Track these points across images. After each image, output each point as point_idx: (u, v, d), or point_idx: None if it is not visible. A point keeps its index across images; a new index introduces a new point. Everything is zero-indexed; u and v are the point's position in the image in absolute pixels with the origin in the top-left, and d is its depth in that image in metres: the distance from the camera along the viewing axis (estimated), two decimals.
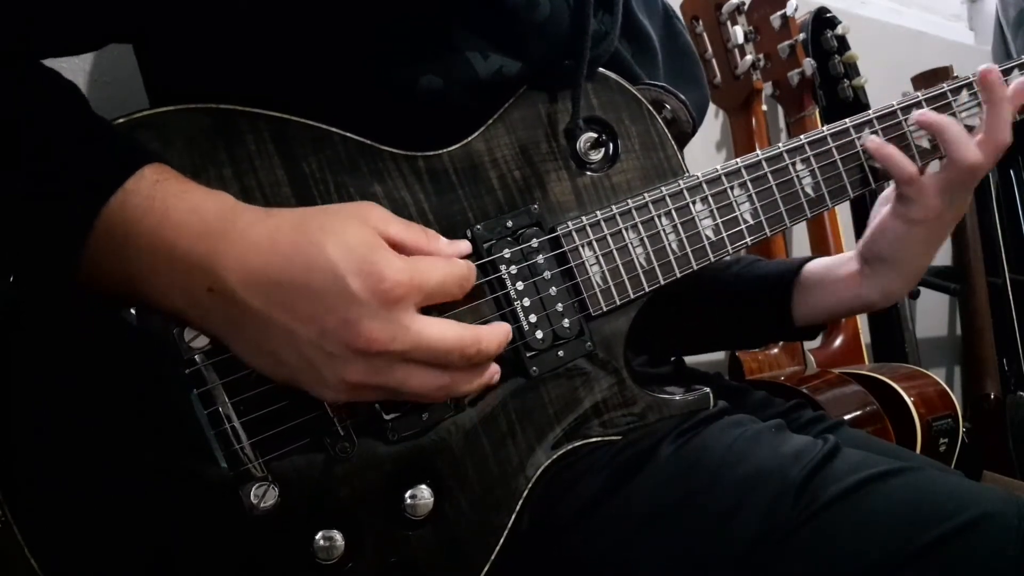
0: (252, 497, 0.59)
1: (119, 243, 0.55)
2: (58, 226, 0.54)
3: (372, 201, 0.65)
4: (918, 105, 0.84)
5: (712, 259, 0.75)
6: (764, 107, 1.58)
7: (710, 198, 0.75)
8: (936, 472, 0.70)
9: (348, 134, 0.66)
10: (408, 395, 0.59)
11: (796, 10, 1.49)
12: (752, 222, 0.77)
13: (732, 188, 0.76)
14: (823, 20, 1.61)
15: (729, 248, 0.76)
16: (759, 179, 0.77)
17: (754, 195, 0.77)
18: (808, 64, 1.51)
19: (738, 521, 0.65)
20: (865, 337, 1.69)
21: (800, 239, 1.79)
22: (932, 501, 0.63)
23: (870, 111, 0.83)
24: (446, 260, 0.61)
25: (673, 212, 0.74)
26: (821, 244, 1.66)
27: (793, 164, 0.79)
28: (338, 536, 0.61)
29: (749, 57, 1.50)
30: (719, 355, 1.76)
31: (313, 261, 0.55)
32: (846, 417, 1.31)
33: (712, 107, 1.60)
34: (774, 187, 0.78)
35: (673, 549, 0.67)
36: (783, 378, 1.46)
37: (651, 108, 0.75)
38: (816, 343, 1.64)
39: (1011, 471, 1.88)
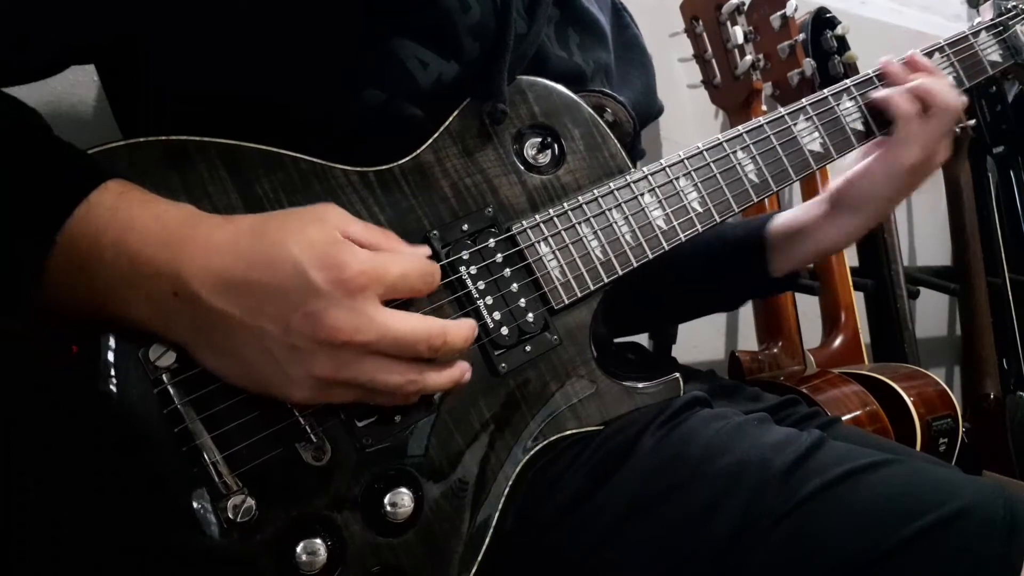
0: (229, 511, 0.59)
1: (84, 255, 0.55)
2: (23, 239, 0.55)
3: None
4: (847, 91, 0.88)
5: (667, 247, 0.77)
6: (764, 107, 1.57)
7: (657, 190, 0.77)
8: (922, 463, 0.69)
9: (299, 155, 0.67)
10: (378, 391, 0.60)
11: (796, 10, 1.49)
12: (701, 210, 0.79)
13: (677, 179, 0.79)
14: (823, 20, 1.61)
15: (681, 236, 0.78)
16: (702, 169, 0.80)
17: (700, 184, 0.79)
18: (808, 64, 1.50)
19: (720, 513, 0.65)
20: (865, 337, 1.69)
21: None
22: (917, 492, 0.63)
23: (803, 99, 0.87)
24: (409, 255, 0.62)
25: (623, 206, 0.76)
26: None
27: (734, 153, 0.82)
28: (320, 546, 0.61)
29: (749, 57, 1.50)
30: (718, 354, 1.76)
31: (274, 259, 0.56)
32: (845, 417, 1.31)
33: (712, 107, 1.61)
34: (718, 176, 0.80)
35: (656, 542, 0.66)
36: (783, 378, 1.46)
37: (592, 111, 0.78)
38: (816, 343, 1.64)
39: (1011, 471, 1.87)
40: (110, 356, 0.59)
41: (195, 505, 0.59)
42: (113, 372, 0.59)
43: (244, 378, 0.58)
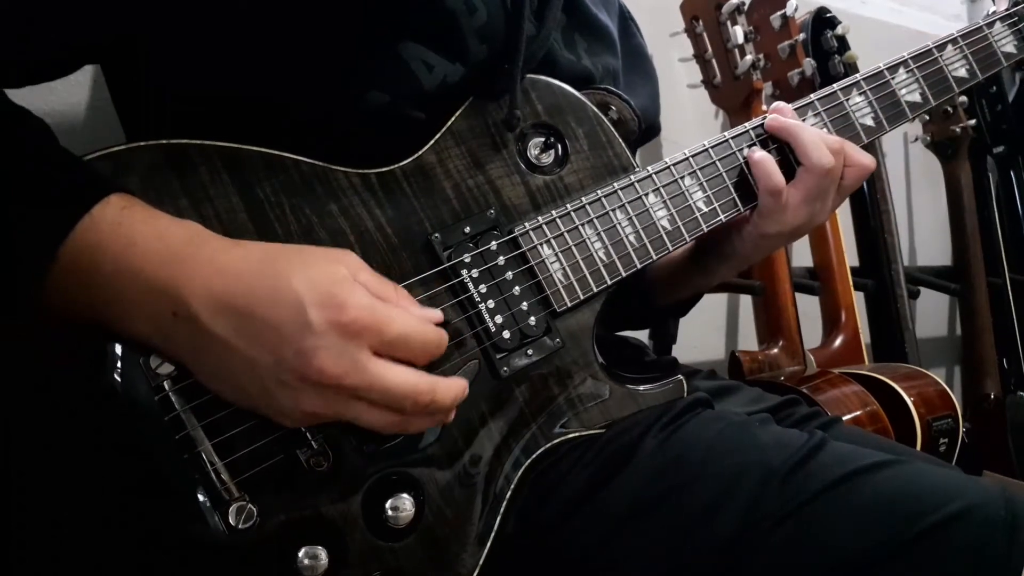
0: (231, 518, 0.58)
1: (85, 269, 0.55)
2: (25, 251, 0.55)
3: (329, 219, 0.66)
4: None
5: (671, 248, 0.76)
6: (764, 107, 1.54)
7: (662, 190, 0.77)
8: (923, 464, 0.69)
9: (300, 158, 0.67)
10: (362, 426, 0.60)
11: (796, 10, 1.47)
12: (706, 209, 0.78)
13: (683, 178, 0.78)
14: (823, 20, 1.60)
15: (686, 236, 0.77)
16: (708, 167, 0.79)
17: (705, 183, 0.79)
18: (808, 64, 1.48)
19: (721, 514, 0.65)
20: (865, 337, 1.69)
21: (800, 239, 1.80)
22: (918, 493, 0.63)
23: (811, 95, 0.86)
24: (417, 317, 0.60)
25: (627, 206, 0.75)
26: (821, 243, 1.67)
27: (740, 151, 0.81)
28: (321, 551, 0.60)
29: (749, 57, 1.49)
30: (718, 354, 1.75)
31: (277, 291, 0.56)
32: (846, 417, 1.31)
33: (712, 107, 1.61)
34: (724, 174, 0.80)
35: (657, 543, 0.66)
36: (783, 378, 1.45)
37: (596, 110, 0.77)
38: (816, 343, 1.64)
39: (1011, 471, 1.87)
40: (113, 362, 0.58)
41: (197, 511, 0.58)
42: (116, 377, 0.58)
43: (236, 399, 0.58)
